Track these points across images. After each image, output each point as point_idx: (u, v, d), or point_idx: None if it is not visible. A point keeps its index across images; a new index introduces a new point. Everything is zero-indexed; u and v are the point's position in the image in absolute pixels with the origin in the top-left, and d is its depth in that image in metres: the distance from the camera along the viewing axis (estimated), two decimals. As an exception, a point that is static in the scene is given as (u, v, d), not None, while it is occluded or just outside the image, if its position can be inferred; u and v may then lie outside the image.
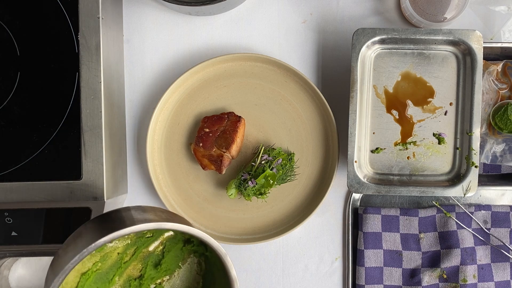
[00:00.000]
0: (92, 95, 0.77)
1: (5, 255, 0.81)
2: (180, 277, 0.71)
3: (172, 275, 0.71)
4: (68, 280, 0.64)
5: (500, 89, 0.86)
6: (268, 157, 0.84)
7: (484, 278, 0.86)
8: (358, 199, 0.89)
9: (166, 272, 0.70)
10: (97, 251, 0.65)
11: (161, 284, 0.71)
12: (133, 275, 0.69)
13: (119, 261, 0.68)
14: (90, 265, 0.66)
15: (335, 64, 0.89)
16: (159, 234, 0.69)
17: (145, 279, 0.69)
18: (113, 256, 0.67)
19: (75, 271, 0.65)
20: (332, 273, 0.90)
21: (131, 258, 0.68)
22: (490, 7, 0.87)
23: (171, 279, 0.71)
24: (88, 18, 0.76)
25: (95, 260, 0.66)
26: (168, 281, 0.71)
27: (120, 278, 0.68)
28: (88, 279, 0.65)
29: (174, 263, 0.71)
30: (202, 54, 0.89)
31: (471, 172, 0.81)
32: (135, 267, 0.69)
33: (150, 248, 0.69)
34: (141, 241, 0.68)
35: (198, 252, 0.71)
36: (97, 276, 0.67)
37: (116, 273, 0.68)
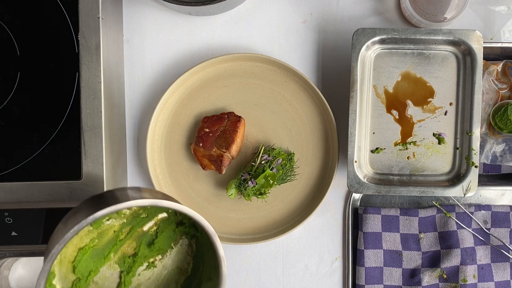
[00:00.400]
0: (92, 95, 0.77)
1: (5, 255, 0.81)
2: (171, 257, 0.74)
3: (164, 255, 0.73)
4: (66, 254, 0.68)
5: (500, 89, 0.86)
6: (268, 157, 0.84)
7: (484, 278, 0.86)
8: (358, 199, 0.89)
9: (159, 251, 0.73)
10: (95, 228, 0.68)
11: (153, 263, 0.73)
12: (127, 252, 0.72)
13: (115, 238, 0.71)
14: (87, 240, 0.69)
15: (335, 64, 0.89)
16: (154, 215, 0.71)
17: (139, 257, 0.72)
18: (109, 234, 0.70)
19: (73, 246, 0.68)
20: (332, 273, 0.90)
21: (126, 236, 0.71)
22: (490, 7, 0.87)
23: (163, 258, 0.74)
24: (88, 18, 0.76)
25: (92, 236, 0.69)
26: (160, 261, 0.73)
27: (115, 255, 0.71)
28: (85, 254, 0.69)
29: (167, 244, 0.73)
30: (202, 54, 0.89)
31: (471, 172, 0.81)
32: (129, 245, 0.72)
33: (145, 228, 0.72)
34: (136, 221, 0.71)
35: (189, 234, 0.73)
36: (93, 252, 0.70)
37: (112, 250, 0.71)
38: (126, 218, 0.70)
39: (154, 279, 0.73)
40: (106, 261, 0.71)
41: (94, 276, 0.70)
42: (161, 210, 0.72)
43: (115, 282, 0.72)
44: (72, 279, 0.69)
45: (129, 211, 0.70)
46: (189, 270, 0.74)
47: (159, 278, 0.74)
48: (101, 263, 0.71)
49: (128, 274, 0.72)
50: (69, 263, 0.69)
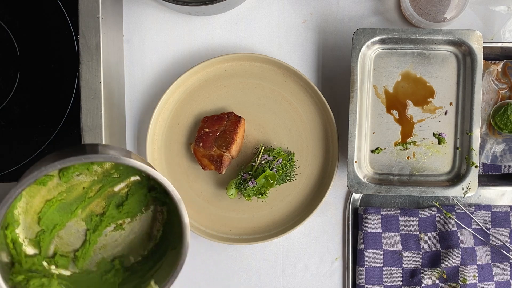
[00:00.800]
0: (92, 95, 0.77)
1: (5, 255, 0.81)
2: (141, 222, 0.74)
3: (133, 219, 0.74)
4: (32, 204, 0.68)
5: (500, 89, 0.86)
6: (268, 157, 0.84)
7: (484, 278, 0.86)
8: (358, 199, 0.89)
9: (128, 214, 0.73)
10: (64, 181, 0.69)
11: (121, 225, 0.73)
12: (95, 211, 0.72)
13: (83, 195, 0.71)
14: (55, 193, 0.69)
15: (335, 64, 0.89)
16: (126, 177, 0.72)
17: (106, 216, 0.72)
18: (78, 189, 0.70)
19: (40, 197, 0.69)
20: (332, 273, 0.90)
21: (95, 194, 0.71)
22: (490, 7, 0.87)
23: (132, 222, 0.74)
24: (88, 18, 0.76)
25: (60, 189, 0.69)
26: (129, 224, 0.74)
27: (83, 211, 0.72)
28: (52, 206, 0.69)
29: (137, 207, 0.73)
30: (202, 54, 0.89)
31: (471, 172, 0.81)
32: (98, 204, 0.72)
33: (116, 188, 0.72)
34: (107, 180, 0.71)
35: (160, 200, 0.74)
36: (60, 205, 0.70)
37: (79, 206, 0.71)
38: (97, 176, 0.70)
39: (120, 241, 0.73)
40: (73, 216, 0.71)
41: (59, 230, 0.71)
42: (133, 173, 0.72)
43: (81, 239, 0.72)
44: (37, 230, 0.69)
45: (100, 169, 0.70)
46: (158, 237, 0.74)
47: (126, 241, 0.74)
48: (67, 218, 0.71)
49: (94, 232, 0.72)
50: (34, 214, 0.69)
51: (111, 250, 0.73)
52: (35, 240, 0.69)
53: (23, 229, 0.68)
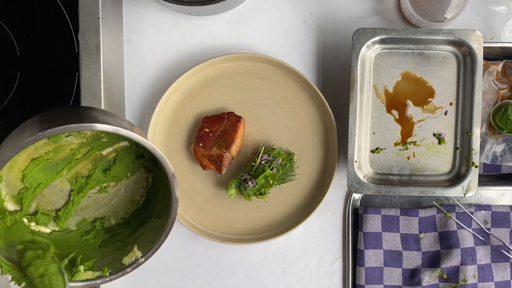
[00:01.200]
0: (92, 95, 0.77)
1: (5, 255, 0.81)
2: (125, 186, 0.74)
3: (118, 183, 0.74)
4: (17, 161, 0.68)
5: (500, 89, 0.86)
6: (268, 157, 0.84)
7: (484, 278, 0.86)
8: (358, 199, 0.89)
9: (113, 178, 0.73)
10: (52, 141, 0.68)
11: (106, 188, 0.74)
12: (81, 173, 0.72)
13: (71, 156, 0.71)
14: (42, 152, 0.69)
15: (335, 64, 0.89)
16: (115, 142, 0.72)
17: (92, 179, 0.72)
18: (66, 150, 0.70)
19: (26, 155, 0.68)
20: (332, 273, 0.90)
21: (83, 156, 0.71)
22: (490, 7, 0.87)
23: (116, 186, 0.74)
24: (88, 18, 0.76)
25: (48, 149, 0.69)
26: (113, 187, 0.74)
27: (69, 172, 0.72)
28: (38, 165, 0.69)
29: (123, 173, 0.74)
30: (202, 54, 0.89)
31: (471, 172, 0.81)
32: (85, 166, 0.72)
33: (104, 152, 0.72)
34: (96, 144, 0.71)
35: (148, 168, 0.74)
36: (46, 165, 0.70)
37: (66, 167, 0.71)
38: (86, 139, 0.70)
39: (103, 204, 0.74)
40: (58, 176, 0.71)
41: (42, 189, 0.70)
42: (123, 138, 0.71)
43: (64, 199, 0.72)
44: (20, 188, 0.69)
45: (90, 132, 0.70)
46: (141, 202, 0.75)
47: (109, 203, 0.74)
48: (52, 178, 0.71)
49: (78, 193, 0.72)
50: (19, 171, 0.68)
51: (93, 212, 0.74)
52: (17, 197, 0.69)
53: (6, 185, 0.68)
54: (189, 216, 0.87)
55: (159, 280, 0.90)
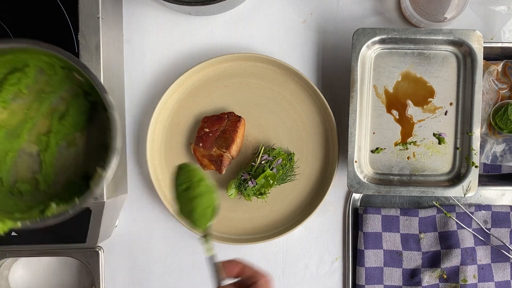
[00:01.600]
0: (92, 95, 0.77)
1: (5, 255, 0.81)
2: (90, 133, 0.74)
3: (83, 132, 0.74)
4: None
5: (500, 89, 0.86)
6: (268, 157, 0.84)
7: (484, 278, 0.86)
8: (358, 199, 0.89)
9: (75, 127, 0.73)
10: (2, 107, 0.70)
11: (73, 141, 0.74)
12: (42, 130, 0.73)
13: (26, 118, 0.71)
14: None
15: (335, 64, 0.89)
16: (59, 89, 0.72)
17: (54, 133, 0.72)
18: (20, 114, 0.71)
19: None
20: (332, 273, 0.90)
21: (37, 114, 0.72)
22: (490, 7, 0.87)
23: (83, 135, 0.74)
24: (88, 18, 0.76)
25: (2, 117, 0.70)
26: (80, 138, 0.74)
27: (31, 134, 0.72)
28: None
29: (80, 117, 0.73)
30: (202, 54, 0.89)
31: (471, 172, 0.81)
32: (43, 124, 0.73)
33: (54, 104, 0.72)
34: (43, 98, 0.72)
35: (102, 106, 0.72)
36: (6, 133, 0.71)
37: (25, 129, 0.72)
38: (32, 95, 0.71)
39: (75, 156, 0.73)
40: (22, 141, 0.72)
41: (12, 157, 0.71)
42: (66, 83, 0.72)
43: (37, 163, 0.73)
44: None
45: (34, 88, 0.71)
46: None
47: (80, 154, 0.74)
48: (17, 144, 0.71)
49: (46, 151, 0.72)
50: None
51: (73, 168, 0.73)
52: None
53: None
54: (189, 216, 0.87)
55: (159, 280, 0.90)
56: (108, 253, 0.89)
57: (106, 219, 0.80)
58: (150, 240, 0.90)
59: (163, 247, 0.90)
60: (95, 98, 0.72)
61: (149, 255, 0.90)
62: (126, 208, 0.90)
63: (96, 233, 0.79)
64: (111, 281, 0.90)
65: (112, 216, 0.84)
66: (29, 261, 0.88)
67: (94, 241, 0.80)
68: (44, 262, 0.88)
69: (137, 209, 0.90)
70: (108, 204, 0.78)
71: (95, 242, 0.80)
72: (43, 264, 0.88)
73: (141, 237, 0.90)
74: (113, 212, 0.84)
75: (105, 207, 0.77)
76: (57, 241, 0.79)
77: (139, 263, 0.90)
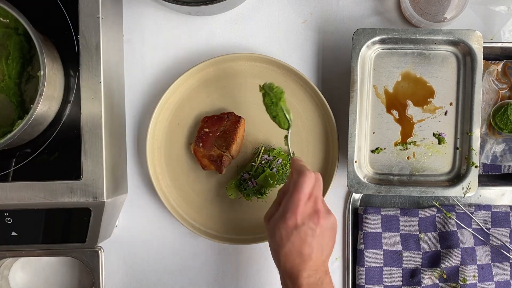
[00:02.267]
0: (92, 95, 0.77)
1: (5, 255, 0.81)
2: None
3: (35, 64, 0.76)
4: None
5: (500, 89, 0.86)
6: (268, 157, 0.84)
7: (484, 278, 0.86)
8: (358, 199, 0.89)
9: (24, 63, 0.76)
10: None
11: (31, 75, 0.77)
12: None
13: None
14: None
15: (335, 64, 0.89)
16: None
17: (8, 75, 0.75)
18: None
19: None
20: (332, 273, 0.90)
21: None
22: (490, 7, 0.87)
23: (35, 67, 0.77)
24: (88, 18, 0.76)
25: None
26: (33, 70, 0.76)
27: None
28: None
29: (24, 54, 0.76)
30: (202, 54, 0.89)
31: (471, 172, 0.81)
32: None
33: None
34: None
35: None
36: None
37: None
38: None
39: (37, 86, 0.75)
40: None
41: None
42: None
43: (12, 108, 0.76)
44: None
45: None
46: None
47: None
48: None
49: (11, 95, 0.76)
50: None
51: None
52: None
53: None
54: (189, 216, 0.87)
55: (159, 280, 0.90)
56: (108, 253, 0.89)
57: (106, 219, 0.80)
58: (150, 240, 0.90)
59: (163, 247, 0.90)
60: (22, 29, 0.74)
61: (149, 255, 0.90)
62: (126, 208, 0.90)
63: (96, 233, 0.79)
64: (111, 281, 0.90)
65: (112, 216, 0.84)
66: (29, 261, 0.88)
67: (94, 241, 0.80)
68: (44, 262, 0.88)
69: (137, 209, 0.90)
70: (108, 204, 0.78)
71: (95, 242, 0.80)
72: (43, 264, 0.88)
73: (141, 237, 0.90)
74: (113, 212, 0.84)
75: (105, 207, 0.77)
76: (57, 241, 0.79)
77: (139, 263, 0.90)
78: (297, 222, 0.67)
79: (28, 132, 0.72)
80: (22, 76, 0.76)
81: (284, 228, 0.67)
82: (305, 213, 0.68)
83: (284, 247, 0.68)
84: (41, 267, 0.89)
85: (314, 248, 0.68)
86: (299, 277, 0.68)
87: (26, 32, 0.73)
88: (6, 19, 0.74)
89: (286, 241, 0.68)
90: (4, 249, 0.79)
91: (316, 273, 0.68)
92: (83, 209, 0.77)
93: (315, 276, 0.68)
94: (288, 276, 0.69)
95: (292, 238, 0.67)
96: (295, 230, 0.67)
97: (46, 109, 0.72)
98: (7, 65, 0.75)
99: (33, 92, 0.77)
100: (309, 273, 0.68)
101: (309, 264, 0.68)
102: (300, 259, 0.68)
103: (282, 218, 0.68)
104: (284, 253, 0.68)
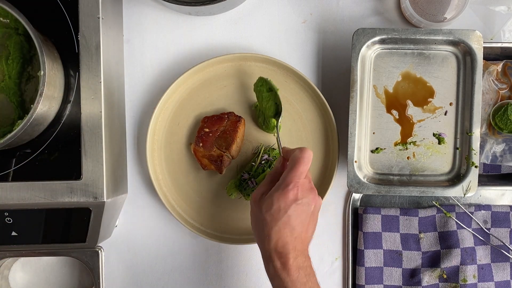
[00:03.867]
0: (92, 95, 0.77)
1: (5, 255, 0.81)
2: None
3: (36, 64, 0.76)
4: None
5: (500, 89, 0.86)
6: (268, 157, 0.84)
7: (484, 278, 0.86)
8: (358, 199, 0.89)
9: (24, 63, 0.76)
10: None
11: (31, 75, 0.77)
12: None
13: None
14: None
15: (335, 64, 0.89)
16: None
17: (8, 75, 0.75)
18: None
19: None
20: (332, 273, 0.90)
21: None
22: (490, 7, 0.87)
23: (35, 67, 0.76)
24: (88, 18, 0.76)
25: None
26: (37, 71, 0.76)
27: None
28: None
29: (24, 54, 0.76)
30: (202, 54, 0.89)
31: (471, 172, 0.81)
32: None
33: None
34: None
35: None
36: None
37: None
38: None
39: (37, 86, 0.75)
40: None
41: None
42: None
43: (12, 108, 0.76)
44: None
45: None
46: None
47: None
48: None
49: (11, 95, 0.76)
50: None
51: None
52: None
53: None
54: (189, 216, 0.87)
55: (159, 280, 0.90)
56: (108, 253, 0.89)
57: (106, 219, 0.80)
58: (150, 240, 0.90)
59: (163, 247, 0.90)
60: (22, 29, 0.74)
61: (149, 255, 0.90)
62: (126, 208, 0.90)
63: (96, 233, 0.79)
64: (111, 281, 0.90)
65: (112, 216, 0.84)
66: (29, 261, 0.88)
67: (94, 241, 0.80)
68: (44, 262, 0.88)
69: (137, 209, 0.90)
70: (108, 204, 0.78)
71: (95, 242, 0.80)
72: (43, 264, 0.89)
73: (141, 237, 0.90)
74: (113, 212, 0.84)
75: (105, 207, 0.77)
76: (57, 241, 0.79)
77: (139, 263, 0.90)
78: (297, 195, 0.67)
79: (28, 132, 0.72)
80: (22, 76, 0.76)
81: (283, 200, 0.67)
82: (304, 187, 0.68)
83: (279, 221, 0.67)
84: (41, 267, 0.89)
85: (305, 226, 0.68)
86: (289, 258, 0.67)
87: (26, 32, 0.73)
88: (6, 19, 0.75)
89: (283, 213, 0.66)
90: (4, 249, 0.80)
91: (302, 254, 0.68)
92: (83, 209, 0.77)
93: (301, 258, 0.68)
94: (278, 255, 0.67)
95: (290, 211, 0.66)
96: (294, 202, 0.67)
97: (46, 109, 0.72)
98: (7, 65, 0.75)
99: (33, 92, 0.77)
100: (296, 254, 0.67)
101: (297, 243, 0.67)
102: (291, 236, 0.67)
103: (283, 190, 0.67)
104: (278, 228, 0.67)
